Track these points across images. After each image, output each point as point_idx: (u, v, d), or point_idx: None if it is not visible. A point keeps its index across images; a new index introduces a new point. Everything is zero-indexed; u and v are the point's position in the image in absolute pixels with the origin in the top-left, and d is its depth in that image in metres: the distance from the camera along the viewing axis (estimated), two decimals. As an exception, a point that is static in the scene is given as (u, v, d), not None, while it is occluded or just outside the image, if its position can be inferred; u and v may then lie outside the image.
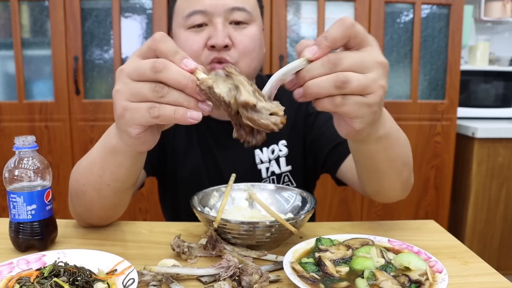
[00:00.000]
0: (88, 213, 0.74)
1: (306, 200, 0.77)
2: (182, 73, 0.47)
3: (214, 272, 0.57)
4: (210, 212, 0.77)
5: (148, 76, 0.48)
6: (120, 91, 0.50)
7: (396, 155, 0.66)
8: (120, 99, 0.50)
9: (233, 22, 0.83)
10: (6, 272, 0.57)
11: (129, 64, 0.50)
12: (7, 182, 0.66)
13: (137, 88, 0.49)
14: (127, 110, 0.50)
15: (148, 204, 1.89)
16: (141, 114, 0.49)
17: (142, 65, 0.48)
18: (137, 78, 0.49)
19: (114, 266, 0.58)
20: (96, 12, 1.81)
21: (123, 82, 0.50)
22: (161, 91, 0.47)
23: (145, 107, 0.49)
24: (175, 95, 0.48)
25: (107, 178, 0.65)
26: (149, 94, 0.48)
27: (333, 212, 1.99)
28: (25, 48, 1.82)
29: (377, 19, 1.89)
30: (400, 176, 0.71)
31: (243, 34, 0.83)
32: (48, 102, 1.83)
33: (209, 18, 0.82)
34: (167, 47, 0.48)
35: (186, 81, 0.47)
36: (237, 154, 0.92)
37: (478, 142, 1.96)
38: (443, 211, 2.04)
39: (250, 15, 0.84)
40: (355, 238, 0.67)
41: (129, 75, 0.49)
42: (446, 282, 0.53)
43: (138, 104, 0.49)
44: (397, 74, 1.97)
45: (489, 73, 2.19)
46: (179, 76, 0.47)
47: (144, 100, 0.49)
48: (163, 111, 0.48)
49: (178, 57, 0.47)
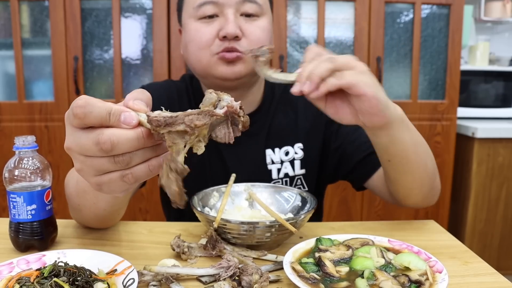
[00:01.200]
0: (87, 223, 0.76)
1: (306, 200, 0.77)
2: (133, 136, 0.41)
3: (214, 272, 0.57)
4: (210, 212, 0.77)
5: (100, 155, 0.42)
6: (83, 170, 0.45)
7: (418, 138, 0.72)
8: (88, 177, 0.45)
9: (243, 14, 0.83)
10: (6, 272, 0.57)
11: (71, 140, 0.43)
12: (7, 182, 0.66)
13: (98, 164, 0.43)
14: (102, 185, 0.45)
15: (148, 204, 1.88)
16: (118, 184, 0.44)
17: (87, 147, 0.42)
18: (89, 155, 0.43)
19: (114, 266, 0.58)
20: (96, 12, 1.81)
21: (79, 160, 0.44)
22: (124, 161, 0.42)
23: (118, 177, 0.43)
24: (139, 156, 0.43)
25: (102, 205, 0.65)
26: (113, 167, 0.43)
27: (333, 212, 1.99)
28: (25, 48, 1.82)
29: (377, 19, 1.89)
30: (426, 165, 0.74)
31: (254, 25, 0.83)
32: (48, 102, 1.83)
33: (220, 9, 0.81)
34: (95, 116, 0.41)
35: (142, 141, 0.42)
36: (245, 152, 0.91)
37: (478, 142, 1.96)
38: (443, 211, 2.04)
39: (261, 7, 0.84)
40: (355, 238, 0.67)
41: (80, 153, 0.43)
42: (446, 282, 0.53)
43: (108, 176, 0.44)
44: (397, 74, 1.97)
45: (489, 73, 2.19)
46: (132, 142, 0.41)
47: (112, 171, 0.44)
48: (137, 174, 0.43)
49: (114, 120, 0.41)
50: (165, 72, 1.84)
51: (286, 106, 0.97)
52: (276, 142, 0.93)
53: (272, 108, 0.96)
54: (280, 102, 0.97)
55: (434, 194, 0.83)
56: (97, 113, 0.41)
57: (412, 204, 0.82)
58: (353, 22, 1.90)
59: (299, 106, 0.96)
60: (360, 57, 1.90)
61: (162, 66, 1.83)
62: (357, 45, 1.90)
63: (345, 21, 1.91)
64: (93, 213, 0.68)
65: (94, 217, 0.70)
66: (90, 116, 0.41)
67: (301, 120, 0.95)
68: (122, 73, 1.84)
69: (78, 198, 0.68)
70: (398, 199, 0.83)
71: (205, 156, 0.93)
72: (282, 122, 0.95)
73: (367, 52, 1.91)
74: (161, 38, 1.82)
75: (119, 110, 0.41)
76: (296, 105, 0.96)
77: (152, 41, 1.83)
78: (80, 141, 0.42)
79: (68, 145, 0.44)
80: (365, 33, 1.89)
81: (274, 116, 0.95)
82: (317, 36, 1.90)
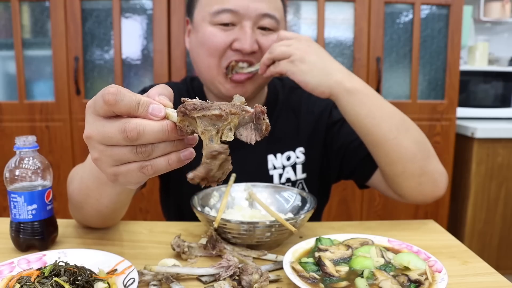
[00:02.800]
0: (88, 222, 0.76)
1: (306, 200, 0.77)
2: (158, 128, 0.42)
3: (214, 272, 0.57)
4: (210, 212, 0.77)
5: (124, 144, 0.43)
6: (101, 159, 0.45)
7: (376, 111, 0.77)
8: (105, 167, 0.45)
9: (260, 27, 0.82)
10: (7, 271, 0.57)
11: (93, 128, 0.44)
12: (8, 182, 0.66)
13: (118, 154, 0.43)
14: (119, 175, 0.45)
15: (148, 204, 1.89)
16: (135, 175, 0.45)
17: (111, 134, 0.42)
18: (111, 144, 0.43)
19: (115, 265, 0.58)
20: (97, 13, 1.81)
21: (98, 150, 0.44)
22: (146, 152, 0.43)
23: (136, 168, 0.44)
24: (161, 149, 0.43)
25: (105, 202, 0.65)
26: (134, 157, 0.43)
27: (333, 212, 1.99)
28: (26, 48, 1.82)
29: (377, 20, 1.89)
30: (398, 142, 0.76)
31: (270, 39, 0.83)
32: (48, 102, 1.83)
33: (238, 19, 0.81)
34: (125, 104, 0.41)
35: (166, 133, 0.42)
36: (247, 158, 0.91)
37: (477, 142, 1.96)
38: (443, 211, 2.04)
39: (278, 23, 0.84)
40: (354, 238, 0.67)
41: (101, 142, 0.44)
42: (445, 281, 0.53)
43: (127, 166, 0.44)
44: (397, 74, 1.98)
45: (488, 73, 2.19)
46: (157, 134, 0.42)
47: (131, 161, 0.44)
48: (157, 167, 0.44)
49: (142, 110, 0.42)
50: (165, 72, 1.84)
51: (289, 111, 0.96)
52: (278, 147, 0.93)
53: (275, 114, 0.96)
54: (283, 107, 0.97)
55: (431, 180, 0.79)
56: (127, 101, 0.41)
57: (411, 196, 0.81)
58: (352, 22, 1.90)
59: (302, 110, 0.96)
60: (360, 57, 1.90)
61: (162, 67, 1.83)
62: (356, 45, 1.90)
63: (345, 22, 1.91)
64: (95, 210, 0.68)
65: (96, 215, 0.70)
66: (121, 103, 0.41)
67: (302, 124, 0.95)
68: (122, 74, 1.84)
69: (81, 195, 0.68)
70: (397, 193, 0.83)
71: None
72: (284, 127, 0.95)
73: (366, 52, 1.91)
74: (161, 38, 1.82)
75: (148, 101, 0.42)
76: (299, 110, 0.96)
77: (152, 41, 1.83)
78: (104, 129, 0.43)
79: (89, 133, 0.44)
80: (364, 34, 1.89)
81: (276, 122, 0.95)
82: (317, 37, 1.90)
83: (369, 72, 1.92)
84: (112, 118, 0.43)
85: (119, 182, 0.46)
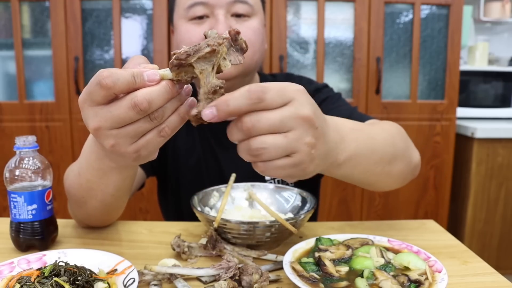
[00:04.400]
0: (90, 218, 0.75)
1: (306, 200, 0.77)
2: (162, 89, 0.43)
3: (214, 273, 0.57)
4: (210, 212, 0.77)
5: (138, 117, 0.43)
6: (118, 143, 0.45)
7: (373, 164, 0.63)
8: (125, 149, 0.46)
9: (234, 14, 0.82)
10: (7, 271, 0.57)
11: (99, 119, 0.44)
12: (8, 182, 0.66)
13: (134, 130, 0.44)
14: (141, 149, 0.46)
15: (148, 204, 1.89)
16: (156, 142, 0.46)
17: (122, 115, 0.43)
18: (123, 125, 0.44)
19: (115, 265, 0.58)
20: (97, 13, 1.81)
21: (112, 135, 0.45)
22: (159, 116, 0.44)
23: (155, 134, 0.46)
24: (170, 107, 0.45)
25: (111, 190, 0.65)
26: (149, 126, 0.45)
27: (333, 212, 1.99)
28: (26, 48, 1.82)
29: (377, 20, 1.89)
30: (390, 173, 0.68)
31: (245, 26, 0.83)
32: (48, 102, 1.83)
33: (210, 10, 0.81)
34: (123, 82, 0.42)
35: (170, 91, 0.44)
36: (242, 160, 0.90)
37: (477, 142, 1.96)
38: (443, 211, 2.04)
39: (252, 8, 0.84)
40: (354, 238, 0.67)
41: (113, 127, 0.44)
42: (445, 281, 0.53)
43: (145, 138, 0.46)
44: (397, 75, 1.98)
45: (488, 74, 2.19)
46: (164, 95, 0.43)
47: (147, 131, 0.45)
48: (172, 125, 0.46)
49: (140, 81, 0.43)
50: (165, 72, 1.84)
51: None
52: None
53: None
54: None
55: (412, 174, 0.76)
56: (123, 78, 0.42)
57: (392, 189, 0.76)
58: (352, 22, 1.90)
59: None
60: (360, 57, 1.90)
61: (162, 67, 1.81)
62: (356, 45, 1.90)
63: (345, 22, 1.91)
64: (100, 201, 0.67)
65: (101, 207, 0.69)
66: (118, 82, 0.42)
67: None
68: (122, 73, 1.84)
69: (83, 190, 0.67)
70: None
71: (202, 161, 0.93)
72: None
73: (366, 52, 1.91)
74: (161, 38, 1.82)
75: (140, 71, 0.43)
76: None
77: (152, 41, 1.83)
78: (112, 114, 0.43)
79: (96, 125, 0.44)
80: (364, 34, 1.89)
81: None
82: (317, 37, 1.90)
83: (369, 72, 1.92)
84: (111, 101, 0.44)
85: (142, 156, 0.47)
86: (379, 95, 1.94)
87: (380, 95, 1.94)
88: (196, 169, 0.93)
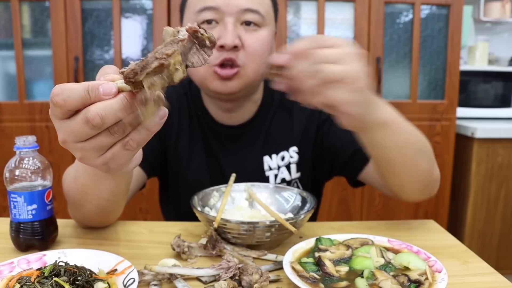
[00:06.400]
0: (88, 220, 0.76)
1: (306, 200, 0.77)
2: (117, 104, 0.41)
3: (214, 273, 0.57)
4: (210, 212, 0.77)
5: (94, 133, 0.43)
6: (85, 156, 0.45)
7: (406, 141, 0.69)
8: (92, 161, 0.46)
9: (244, 22, 0.81)
10: (6, 271, 0.57)
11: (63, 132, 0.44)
12: (8, 182, 0.66)
13: (97, 144, 0.44)
14: (109, 162, 0.46)
15: (148, 204, 1.89)
16: (123, 156, 0.45)
17: (79, 130, 0.42)
18: (85, 139, 0.44)
19: (115, 265, 0.58)
20: (97, 13, 1.81)
21: (78, 149, 0.45)
22: (119, 130, 0.43)
23: (120, 148, 0.44)
24: (131, 120, 0.43)
25: (106, 195, 0.65)
26: (112, 139, 0.44)
27: (333, 212, 1.99)
28: (26, 48, 1.82)
29: (377, 20, 1.89)
30: (416, 165, 0.72)
31: (254, 36, 0.81)
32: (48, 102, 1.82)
33: (220, 16, 0.80)
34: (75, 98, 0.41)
35: (128, 105, 0.41)
36: (243, 160, 0.91)
37: (477, 142, 1.96)
38: (443, 211, 2.04)
39: (263, 18, 0.82)
40: (354, 238, 0.67)
41: (76, 140, 0.44)
42: (445, 281, 0.53)
43: (111, 151, 0.45)
44: (397, 75, 1.98)
45: (488, 74, 2.19)
46: (119, 110, 0.41)
47: (112, 144, 0.44)
48: (137, 138, 0.44)
49: (94, 95, 0.41)
50: (165, 72, 1.84)
51: (284, 111, 0.96)
52: (273, 148, 0.93)
53: (270, 114, 0.95)
54: (278, 107, 0.96)
55: (432, 187, 0.80)
56: (75, 95, 0.41)
57: (409, 199, 0.80)
58: (352, 22, 1.90)
59: (294, 109, 0.95)
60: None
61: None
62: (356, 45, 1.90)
63: (344, 22, 1.91)
64: (96, 206, 0.67)
65: (96, 210, 0.69)
66: (69, 100, 0.41)
67: (296, 124, 0.95)
68: (122, 73, 1.84)
69: (79, 194, 0.67)
70: (393, 193, 0.81)
71: (204, 165, 0.93)
72: (279, 128, 0.94)
73: (366, 52, 1.91)
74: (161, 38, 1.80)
75: (96, 84, 0.41)
76: (292, 109, 0.95)
77: (152, 41, 1.83)
78: (71, 129, 0.43)
79: (62, 138, 0.44)
80: (364, 34, 1.89)
81: (271, 122, 0.94)
82: (317, 37, 1.90)
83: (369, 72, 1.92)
84: (73, 115, 0.43)
85: (112, 169, 0.47)
86: (379, 95, 1.94)
87: (380, 95, 1.94)
88: (198, 172, 0.93)
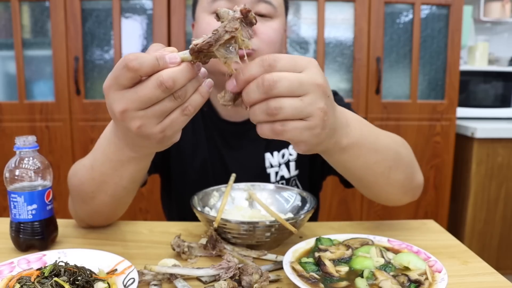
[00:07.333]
0: (95, 215, 0.74)
1: (306, 200, 0.77)
2: (184, 69, 0.46)
3: (214, 273, 0.57)
4: (210, 212, 0.77)
5: (163, 96, 0.46)
6: (145, 124, 0.48)
7: (374, 161, 0.63)
8: (151, 129, 0.48)
9: (257, 14, 0.82)
10: (6, 271, 0.57)
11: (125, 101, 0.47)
12: (8, 182, 0.66)
13: (160, 109, 0.47)
14: (166, 129, 0.49)
15: (148, 204, 1.89)
16: (180, 121, 0.49)
17: (149, 94, 0.46)
18: (149, 105, 0.47)
19: (115, 265, 0.58)
20: (97, 13, 1.81)
21: (139, 116, 0.47)
22: (182, 94, 0.47)
23: (179, 113, 0.48)
24: (191, 86, 0.48)
25: (125, 182, 0.65)
26: (173, 104, 0.47)
27: (333, 212, 1.99)
28: (26, 48, 1.82)
29: (377, 20, 1.89)
30: (388, 179, 0.67)
31: (267, 25, 0.83)
32: (48, 102, 1.83)
33: (233, 5, 0.80)
34: (148, 64, 0.45)
35: (192, 71, 0.47)
36: (246, 156, 0.91)
37: (477, 142, 1.96)
38: (443, 211, 2.04)
39: (275, 9, 0.84)
40: (354, 238, 0.67)
41: (140, 107, 0.47)
42: (445, 281, 0.53)
43: (170, 117, 0.48)
44: (397, 74, 1.98)
45: (488, 74, 2.19)
46: (186, 74, 0.46)
47: (172, 110, 0.48)
48: (194, 103, 0.49)
49: (163, 63, 0.46)
50: (165, 72, 1.84)
51: None
52: (275, 145, 0.93)
53: None
54: None
55: (413, 194, 0.76)
56: (148, 61, 0.45)
57: (389, 205, 0.78)
58: (352, 22, 1.90)
59: None
60: (360, 57, 1.90)
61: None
62: (356, 45, 1.90)
63: (345, 22, 1.91)
64: (111, 196, 0.67)
65: (110, 201, 0.69)
66: (144, 64, 0.45)
67: None
68: (122, 73, 1.84)
69: (95, 185, 0.66)
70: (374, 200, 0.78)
71: (207, 161, 0.93)
72: None
73: (366, 52, 1.91)
74: (161, 38, 1.82)
75: (162, 54, 0.46)
76: None
77: (152, 41, 1.83)
78: (139, 95, 0.46)
79: (123, 107, 0.47)
80: (364, 34, 1.89)
81: None
82: (317, 37, 1.90)
83: (369, 72, 1.92)
84: (136, 84, 0.46)
85: (167, 137, 0.50)
86: (379, 95, 1.94)
87: (380, 95, 1.94)
88: (202, 169, 0.93)
